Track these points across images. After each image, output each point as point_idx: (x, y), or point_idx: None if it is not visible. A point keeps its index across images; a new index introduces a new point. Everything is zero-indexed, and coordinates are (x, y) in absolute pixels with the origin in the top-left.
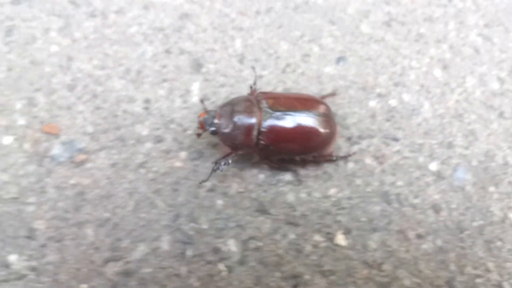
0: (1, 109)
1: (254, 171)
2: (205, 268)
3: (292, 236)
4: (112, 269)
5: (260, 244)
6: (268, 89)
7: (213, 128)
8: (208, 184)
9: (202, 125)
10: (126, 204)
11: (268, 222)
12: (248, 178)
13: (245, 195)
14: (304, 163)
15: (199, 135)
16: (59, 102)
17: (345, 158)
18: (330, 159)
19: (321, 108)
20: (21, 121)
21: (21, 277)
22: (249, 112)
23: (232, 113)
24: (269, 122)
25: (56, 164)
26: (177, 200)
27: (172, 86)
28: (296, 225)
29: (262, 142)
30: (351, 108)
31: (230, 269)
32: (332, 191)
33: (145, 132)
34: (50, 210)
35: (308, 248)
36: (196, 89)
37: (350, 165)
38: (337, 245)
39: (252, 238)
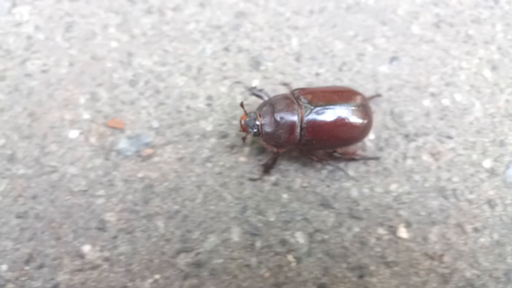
0: (65, 104)
1: (317, 166)
2: (274, 259)
3: (356, 229)
4: (183, 260)
5: (326, 236)
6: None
7: (255, 130)
8: (272, 178)
9: (245, 128)
10: (195, 196)
11: (332, 216)
12: (311, 173)
13: (309, 189)
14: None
15: (244, 138)
16: (121, 97)
17: (370, 159)
18: (354, 158)
19: (358, 99)
20: (86, 116)
21: (95, 267)
22: (290, 110)
23: (273, 112)
24: (311, 117)
25: (123, 158)
26: (243, 193)
27: (232, 84)
28: (359, 218)
29: (305, 138)
30: (407, 107)
31: (298, 260)
32: (393, 186)
33: (209, 127)
34: (120, 202)
35: (372, 240)
36: (256, 87)
37: (409, 161)
38: (399, 237)
39: (317, 231)
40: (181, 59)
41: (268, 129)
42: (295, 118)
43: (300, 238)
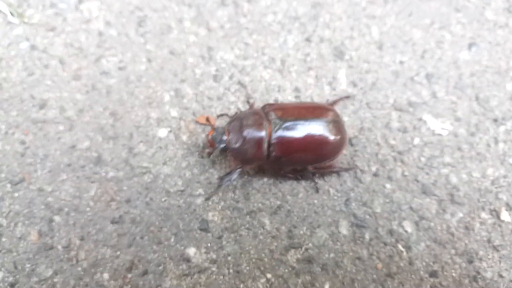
0: (149, 102)
1: (415, 153)
2: (385, 250)
3: (460, 214)
4: (294, 256)
5: (431, 224)
6: (410, 75)
7: (222, 145)
8: (372, 169)
9: (212, 143)
10: (296, 191)
11: (435, 203)
12: (410, 161)
13: (410, 178)
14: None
15: (209, 154)
16: (207, 92)
17: (348, 170)
18: (332, 171)
19: (330, 115)
20: (173, 113)
21: (203, 270)
22: (258, 125)
23: (241, 128)
24: (279, 133)
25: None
26: (344, 186)
27: (318, 74)
28: (461, 204)
29: (273, 154)
30: (491, 92)
31: (408, 249)
32: (489, 171)
33: None
34: (220, 200)
35: (476, 225)
36: (343, 76)
37: (501, 145)
38: (502, 221)
39: (423, 218)
40: (264, 51)
41: (235, 144)
42: (262, 133)
43: (407, 227)
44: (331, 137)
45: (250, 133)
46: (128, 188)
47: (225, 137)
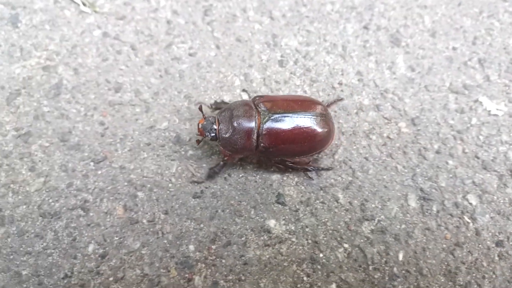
0: (221, 86)
1: (473, 132)
2: (452, 221)
3: None
4: (367, 228)
5: (494, 197)
6: (463, 60)
7: (212, 134)
8: (435, 146)
9: (202, 132)
10: (366, 167)
11: (495, 178)
12: (469, 139)
13: (470, 155)
14: (285, 169)
15: (198, 141)
16: (274, 77)
17: (323, 170)
18: (307, 167)
19: (318, 109)
20: (245, 96)
21: (283, 240)
22: (248, 116)
23: (231, 118)
24: (268, 124)
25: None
26: (410, 163)
27: (378, 59)
28: None
29: (262, 144)
30: None
31: (473, 220)
32: None
33: (365, 101)
34: (294, 176)
35: None
36: (401, 61)
37: None
38: None
39: (485, 192)
40: (325, 38)
41: (225, 134)
42: (252, 124)
43: (472, 200)
44: (318, 130)
45: (240, 123)
46: (207, 165)
47: (215, 127)
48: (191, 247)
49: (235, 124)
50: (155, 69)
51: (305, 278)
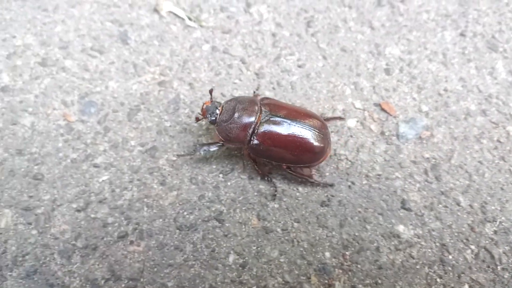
0: (332, 95)
1: None
2: None
3: None
4: (490, 229)
5: None
6: None
7: (213, 118)
8: None
9: (204, 112)
10: (481, 171)
11: None
12: None
13: None
14: (284, 175)
15: (197, 119)
16: (382, 85)
17: (325, 185)
18: (307, 179)
19: (318, 124)
20: (357, 105)
21: (413, 244)
22: (249, 111)
23: (234, 108)
24: (266, 124)
25: (405, 141)
26: None
27: (478, 65)
28: None
29: (254, 141)
30: None
31: None
32: None
33: (472, 107)
34: (416, 182)
35: None
36: (500, 67)
37: None
38: None
39: None
40: (425, 46)
41: (223, 121)
42: (251, 119)
43: None
44: (312, 143)
45: (240, 115)
46: (330, 174)
47: (217, 111)
48: (327, 254)
49: (236, 115)
50: (267, 81)
51: (438, 280)
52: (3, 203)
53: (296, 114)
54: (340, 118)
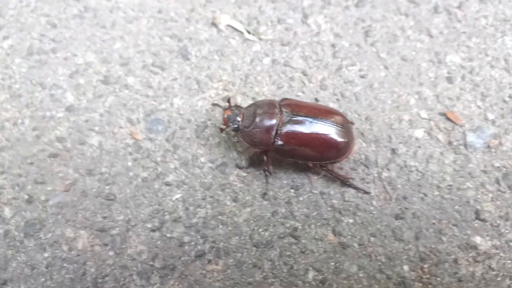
0: (397, 105)
1: None
2: None
3: None
4: None
5: None
6: None
7: (235, 126)
8: None
9: (226, 122)
10: None
11: None
12: None
13: None
14: (316, 173)
15: (222, 130)
16: (445, 93)
17: (359, 190)
18: (344, 181)
19: (340, 119)
20: (423, 115)
21: (491, 256)
22: (270, 114)
23: (254, 113)
24: (288, 125)
25: (473, 150)
26: None
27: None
28: None
29: (278, 142)
30: None
31: None
32: None
33: None
34: (488, 192)
35: None
36: None
37: None
38: None
39: None
40: (486, 53)
41: (246, 127)
42: (272, 122)
43: None
44: (335, 139)
45: (261, 119)
46: (401, 186)
47: (239, 119)
48: (405, 267)
49: (257, 119)
50: (331, 93)
51: None
52: (78, 225)
53: (317, 112)
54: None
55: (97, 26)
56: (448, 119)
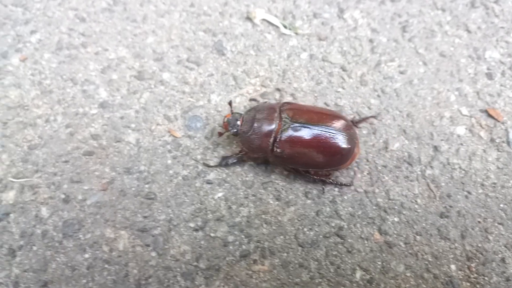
0: (437, 102)
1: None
2: None
3: None
4: None
5: None
6: None
7: (234, 130)
8: None
9: (226, 126)
10: None
11: None
12: None
13: None
14: (314, 179)
15: (220, 134)
16: (485, 90)
17: (342, 185)
18: (324, 180)
19: (342, 125)
20: (464, 111)
21: None
22: (269, 120)
23: (254, 118)
24: (287, 132)
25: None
26: None
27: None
28: None
29: (277, 149)
30: None
31: None
32: None
33: None
34: None
35: None
36: None
37: None
38: None
39: None
40: None
41: (245, 132)
42: (271, 128)
43: None
44: (336, 146)
45: (260, 125)
46: (445, 184)
47: (239, 123)
48: (453, 267)
49: (255, 125)
50: (371, 89)
51: None
52: (118, 225)
53: (319, 118)
54: (373, 117)
55: (127, 20)
56: (490, 116)
